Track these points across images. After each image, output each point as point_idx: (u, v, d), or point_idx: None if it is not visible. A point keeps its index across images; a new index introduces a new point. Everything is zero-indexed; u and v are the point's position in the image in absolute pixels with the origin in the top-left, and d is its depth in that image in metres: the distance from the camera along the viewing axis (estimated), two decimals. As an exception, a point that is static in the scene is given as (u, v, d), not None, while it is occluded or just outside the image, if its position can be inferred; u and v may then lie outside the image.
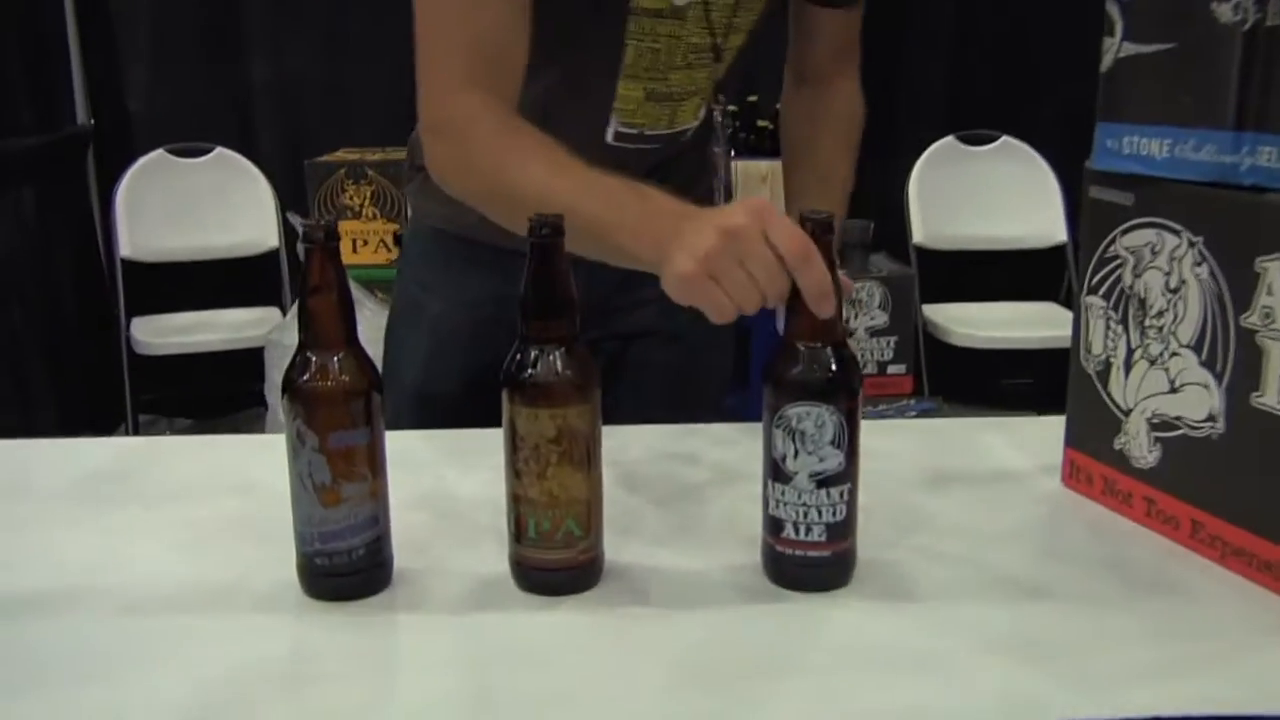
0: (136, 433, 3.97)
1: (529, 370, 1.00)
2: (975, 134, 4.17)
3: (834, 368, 1.01)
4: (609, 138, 1.43)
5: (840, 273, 1.03)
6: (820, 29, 1.52)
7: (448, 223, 1.53)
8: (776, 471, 1.02)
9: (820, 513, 1.02)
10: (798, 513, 1.02)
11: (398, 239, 3.74)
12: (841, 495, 1.02)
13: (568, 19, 1.32)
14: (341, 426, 0.99)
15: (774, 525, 1.04)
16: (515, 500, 1.02)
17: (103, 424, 4.10)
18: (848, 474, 1.02)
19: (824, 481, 1.01)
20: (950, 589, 1.06)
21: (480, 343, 1.38)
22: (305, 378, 0.99)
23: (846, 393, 1.01)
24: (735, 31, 1.43)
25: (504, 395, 1.01)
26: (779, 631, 1.00)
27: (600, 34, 1.37)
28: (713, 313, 1.06)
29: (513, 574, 1.06)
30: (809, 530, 1.02)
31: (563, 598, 1.04)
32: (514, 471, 1.01)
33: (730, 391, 1.67)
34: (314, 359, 0.99)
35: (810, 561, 1.03)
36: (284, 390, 0.99)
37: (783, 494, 1.02)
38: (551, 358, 1.00)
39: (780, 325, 1.04)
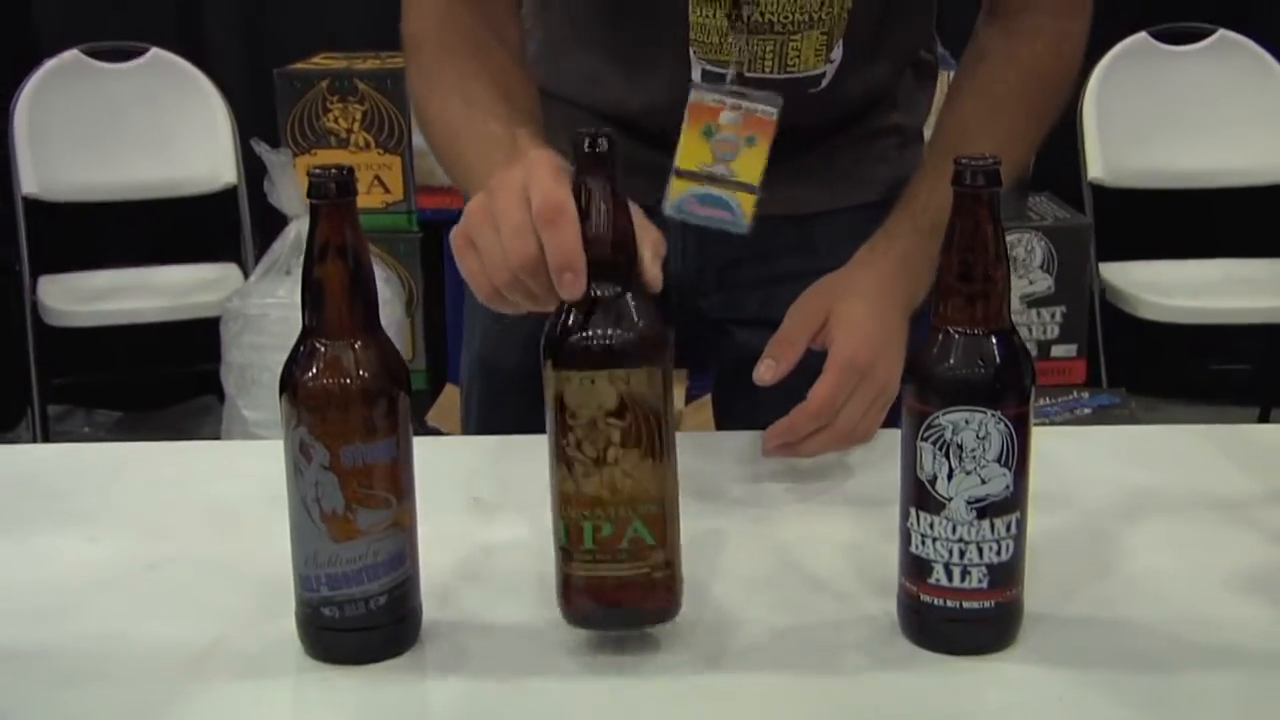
0: (45, 428, 4.04)
1: (579, 320, 1.03)
2: (1179, 28, 4.14)
3: (1002, 361, 1.04)
4: (695, 76, 1.45)
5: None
6: None
7: None
8: (923, 497, 1.06)
9: (981, 551, 1.05)
10: (950, 551, 1.05)
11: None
12: (1009, 528, 1.05)
13: None
14: (359, 438, 1.03)
15: (917, 567, 1.07)
16: (565, 502, 1.05)
17: (0, 418, 4.16)
18: (1016, 500, 1.05)
19: (986, 510, 1.04)
20: (1147, 655, 1.09)
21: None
22: (312, 373, 1.03)
23: (1017, 394, 1.04)
24: None
25: (547, 366, 1.03)
26: (919, 706, 1.03)
27: None
28: (472, 286, 1.15)
29: (562, 606, 1.08)
30: (965, 574, 1.06)
31: (641, 657, 1.07)
32: (563, 462, 1.04)
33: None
34: (324, 349, 1.03)
35: (965, 615, 1.07)
36: (283, 389, 1.04)
37: (931, 526, 1.06)
38: (609, 304, 1.03)
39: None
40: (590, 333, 1.02)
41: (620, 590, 1.06)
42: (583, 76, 1.52)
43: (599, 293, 1.03)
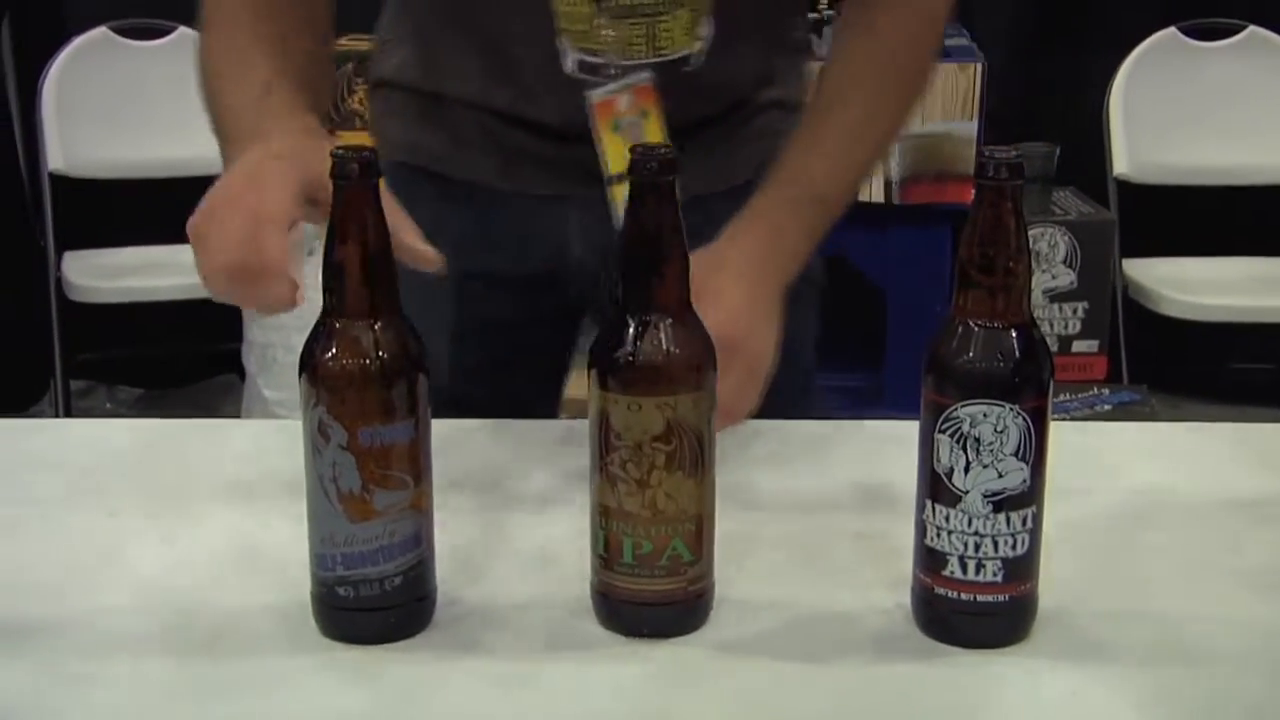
0: (68, 403, 4.06)
1: (628, 346, 1.04)
2: (1206, 24, 4.13)
3: (1021, 355, 1.04)
4: (568, 67, 1.44)
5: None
6: None
7: (409, 153, 1.58)
8: (939, 489, 1.06)
9: (996, 544, 1.05)
10: (966, 544, 1.06)
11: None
12: (1024, 522, 1.06)
13: None
14: (378, 418, 1.03)
15: (932, 559, 1.08)
16: (605, 514, 1.07)
17: (24, 392, 4.18)
18: (1033, 494, 1.06)
19: (1003, 504, 1.05)
20: (1162, 653, 1.09)
21: (467, 301, 1.51)
22: (332, 354, 1.04)
23: (1035, 388, 1.04)
24: None
25: (592, 378, 1.05)
26: (933, 698, 1.04)
27: None
28: (199, 275, 1.18)
29: (596, 609, 1.10)
30: (980, 567, 1.06)
31: (657, 643, 1.08)
32: (606, 478, 1.06)
33: (852, 370, 1.68)
34: (343, 330, 1.04)
35: (979, 608, 1.07)
36: (302, 368, 1.04)
37: (947, 519, 1.06)
38: (658, 330, 1.04)
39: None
40: (639, 358, 1.04)
41: (656, 603, 1.08)
42: (456, 73, 1.52)
43: (648, 315, 1.04)
